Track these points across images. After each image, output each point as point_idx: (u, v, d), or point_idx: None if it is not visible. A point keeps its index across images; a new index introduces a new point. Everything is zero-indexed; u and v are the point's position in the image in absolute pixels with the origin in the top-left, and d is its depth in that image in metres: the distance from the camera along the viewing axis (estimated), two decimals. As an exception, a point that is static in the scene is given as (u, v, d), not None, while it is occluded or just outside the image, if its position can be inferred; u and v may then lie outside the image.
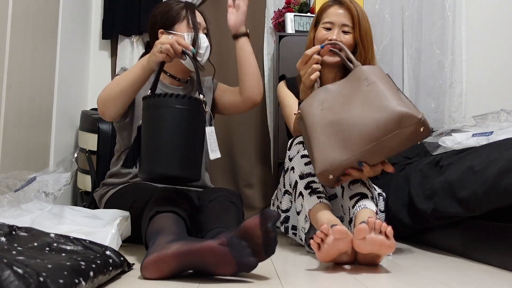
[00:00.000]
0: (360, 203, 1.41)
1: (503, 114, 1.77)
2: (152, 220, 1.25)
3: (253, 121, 2.70)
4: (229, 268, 1.04)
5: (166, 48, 1.38)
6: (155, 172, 1.28)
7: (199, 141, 1.33)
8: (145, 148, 1.30)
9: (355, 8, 1.73)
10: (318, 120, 1.38)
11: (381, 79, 1.36)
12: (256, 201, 2.62)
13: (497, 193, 1.28)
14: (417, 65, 2.75)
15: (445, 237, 1.59)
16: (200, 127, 1.33)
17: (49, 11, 2.15)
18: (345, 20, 1.73)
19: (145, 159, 1.30)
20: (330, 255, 1.24)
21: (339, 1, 1.76)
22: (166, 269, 1.07)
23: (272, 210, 1.16)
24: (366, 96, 1.34)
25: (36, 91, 2.01)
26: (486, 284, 1.12)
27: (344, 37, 1.73)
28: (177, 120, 1.27)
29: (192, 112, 1.29)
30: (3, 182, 1.56)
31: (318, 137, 1.36)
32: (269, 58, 2.69)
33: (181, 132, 1.27)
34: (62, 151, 2.27)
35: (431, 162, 1.72)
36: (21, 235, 1.06)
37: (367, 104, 1.33)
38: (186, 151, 1.28)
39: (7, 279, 0.72)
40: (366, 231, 1.19)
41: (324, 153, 1.33)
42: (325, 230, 1.22)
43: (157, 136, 1.28)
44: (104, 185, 1.73)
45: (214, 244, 1.03)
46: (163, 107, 1.28)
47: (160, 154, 1.27)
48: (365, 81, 1.37)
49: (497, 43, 2.80)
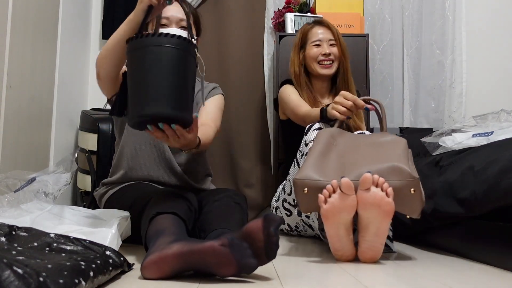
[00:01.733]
0: None
1: (503, 114, 1.77)
2: (153, 221, 1.25)
3: (253, 121, 2.70)
4: (229, 269, 1.04)
5: None
6: (143, 113, 1.17)
7: (190, 83, 1.22)
8: (132, 90, 1.20)
9: (332, 26, 2.06)
10: (323, 147, 1.42)
11: (400, 145, 1.41)
12: (256, 201, 2.62)
13: (497, 193, 1.28)
14: (417, 65, 2.76)
15: (445, 237, 1.58)
16: (191, 70, 1.23)
17: (49, 11, 2.15)
18: (329, 36, 2.04)
19: (132, 102, 1.20)
20: (333, 213, 1.26)
21: (318, 22, 2.09)
22: (167, 269, 1.07)
23: (274, 214, 1.16)
24: (379, 142, 1.42)
25: (36, 91, 2.01)
26: (486, 284, 1.12)
27: (333, 49, 2.03)
28: (166, 58, 1.17)
29: (182, 52, 1.19)
30: (3, 182, 1.56)
31: (315, 155, 1.39)
32: (269, 58, 2.70)
33: (170, 70, 1.17)
34: (62, 151, 2.27)
35: (431, 162, 1.72)
36: (21, 235, 1.06)
37: (377, 149, 1.39)
38: (177, 89, 1.17)
39: (7, 279, 0.72)
40: (370, 181, 1.25)
41: (311, 168, 1.35)
42: (334, 185, 1.27)
43: (144, 75, 1.18)
44: (104, 184, 1.73)
45: (215, 245, 1.03)
46: (150, 46, 1.18)
47: (148, 93, 1.16)
48: (385, 138, 1.45)
49: (497, 43, 2.80)
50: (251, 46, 2.72)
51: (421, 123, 2.74)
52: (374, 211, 1.26)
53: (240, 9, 2.71)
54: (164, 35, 1.19)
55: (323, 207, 1.27)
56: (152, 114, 1.17)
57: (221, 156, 2.68)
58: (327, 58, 2.01)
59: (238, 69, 2.67)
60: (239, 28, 2.70)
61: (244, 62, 2.69)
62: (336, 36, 2.03)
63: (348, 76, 2.07)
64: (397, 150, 1.38)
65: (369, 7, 2.73)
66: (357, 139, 1.47)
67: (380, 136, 1.46)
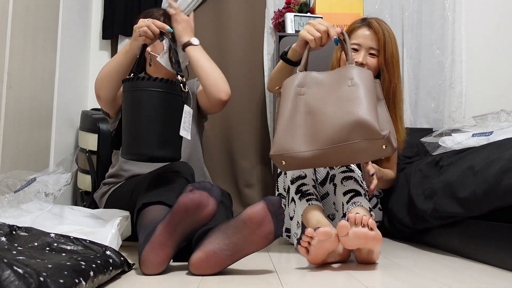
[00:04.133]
0: (355, 199, 1.43)
1: (503, 114, 1.77)
2: (141, 214, 1.26)
3: (253, 121, 2.70)
4: (211, 204, 1.12)
5: (144, 30, 1.43)
6: (134, 152, 1.31)
7: (176, 121, 1.34)
8: (125, 129, 1.34)
9: (382, 31, 1.71)
10: (291, 105, 1.36)
11: (365, 84, 1.32)
12: (256, 201, 2.61)
13: (497, 193, 1.28)
14: (417, 65, 2.76)
15: (445, 237, 1.59)
16: (177, 108, 1.35)
17: (49, 11, 2.15)
18: (372, 43, 1.71)
19: (125, 140, 1.34)
20: (318, 256, 1.26)
21: (368, 23, 1.75)
22: (166, 250, 1.10)
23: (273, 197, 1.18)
24: (344, 95, 1.31)
25: (36, 91, 2.01)
26: (486, 284, 1.12)
27: (370, 59, 1.71)
28: (153, 102, 1.30)
29: (168, 94, 1.32)
30: (3, 182, 1.56)
31: (284, 121, 1.35)
32: (269, 58, 2.70)
33: (157, 114, 1.30)
34: (62, 151, 2.27)
35: (431, 162, 1.72)
36: (21, 235, 1.06)
37: (342, 104, 1.30)
38: (163, 131, 1.30)
39: (7, 279, 0.72)
40: (347, 227, 1.22)
41: (284, 138, 1.33)
42: (310, 234, 1.23)
43: (134, 117, 1.31)
44: (105, 184, 1.74)
45: (187, 193, 1.10)
46: (139, 90, 1.31)
47: (137, 135, 1.30)
48: (349, 80, 1.34)
49: (497, 43, 2.80)
50: (251, 46, 2.72)
51: (421, 123, 2.74)
52: (361, 245, 1.26)
53: (240, 9, 2.71)
54: (159, 80, 1.31)
55: (307, 257, 1.27)
56: (140, 154, 1.31)
57: (221, 156, 2.68)
58: None
59: (238, 69, 2.67)
60: (239, 28, 2.70)
61: (244, 62, 2.69)
62: (381, 44, 1.70)
63: (394, 95, 1.73)
64: (363, 96, 1.28)
65: (369, 7, 2.73)
66: (322, 90, 1.37)
67: (345, 78, 1.34)
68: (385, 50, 1.70)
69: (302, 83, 1.39)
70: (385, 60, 1.70)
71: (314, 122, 1.32)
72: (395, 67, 1.72)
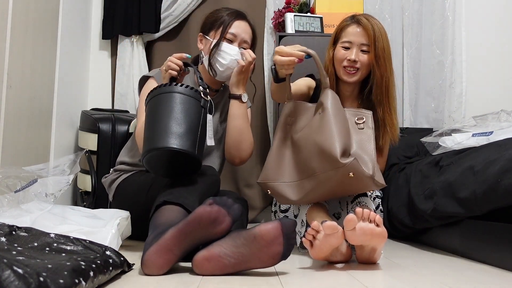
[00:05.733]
0: (360, 199, 1.43)
1: (503, 114, 1.77)
2: (158, 210, 1.26)
3: (253, 121, 2.69)
4: (225, 222, 1.12)
5: (168, 65, 1.52)
6: (151, 147, 1.32)
7: (194, 122, 1.38)
8: (146, 130, 1.39)
9: (372, 26, 1.71)
10: (281, 134, 1.46)
11: (332, 110, 1.36)
12: (256, 201, 2.62)
13: (497, 193, 1.28)
14: (417, 65, 2.75)
15: (445, 237, 1.59)
16: (195, 111, 1.39)
17: (49, 11, 2.15)
18: (363, 39, 1.71)
19: (145, 140, 1.38)
20: (323, 252, 1.25)
21: (357, 20, 1.75)
22: (170, 255, 1.10)
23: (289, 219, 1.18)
24: (315, 124, 1.38)
25: (36, 91, 2.01)
26: (486, 284, 1.12)
27: (363, 56, 1.71)
28: (173, 101, 1.37)
29: (188, 98, 1.39)
30: (3, 182, 1.56)
31: (273, 150, 1.45)
32: (269, 58, 2.69)
33: (176, 111, 1.35)
34: (62, 151, 2.27)
35: (431, 162, 1.72)
36: (21, 235, 1.06)
37: (314, 134, 1.36)
38: (178, 126, 1.34)
39: (7, 279, 0.72)
40: (355, 221, 1.21)
41: (271, 167, 1.42)
42: (316, 227, 1.23)
43: (154, 117, 1.37)
44: (116, 171, 1.76)
45: (205, 207, 1.10)
46: (162, 93, 1.39)
47: (156, 132, 1.33)
48: (320, 107, 1.40)
49: (497, 43, 2.80)
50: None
51: (421, 123, 2.74)
52: (366, 241, 1.26)
53: (240, 9, 2.71)
54: (180, 85, 1.40)
55: (310, 251, 1.26)
56: (157, 148, 1.31)
57: (221, 156, 2.68)
58: (351, 65, 1.71)
59: (238, 69, 2.67)
60: (239, 28, 2.69)
61: (244, 62, 2.68)
62: (372, 41, 1.69)
63: (387, 89, 1.70)
64: (325, 124, 1.34)
65: (369, 7, 2.72)
66: (306, 120, 1.44)
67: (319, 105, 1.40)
68: (375, 44, 1.69)
69: (291, 112, 1.48)
70: (376, 55, 1.68)
71: (297, 152, 1.39)
72: (386, 61, 1.70)
